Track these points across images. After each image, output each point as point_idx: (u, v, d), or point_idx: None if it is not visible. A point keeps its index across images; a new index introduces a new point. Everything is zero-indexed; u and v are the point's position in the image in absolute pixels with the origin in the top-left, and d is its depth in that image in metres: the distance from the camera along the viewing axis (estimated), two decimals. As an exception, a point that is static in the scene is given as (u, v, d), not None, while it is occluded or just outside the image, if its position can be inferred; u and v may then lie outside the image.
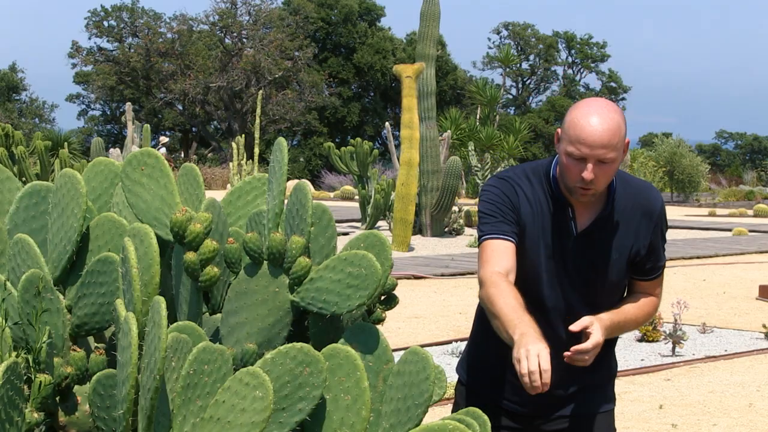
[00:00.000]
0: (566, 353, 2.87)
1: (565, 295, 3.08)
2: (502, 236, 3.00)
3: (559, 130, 2.99)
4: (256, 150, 22.87)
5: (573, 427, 3.22)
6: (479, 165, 26.50)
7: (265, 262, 2.83)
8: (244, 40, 52.92)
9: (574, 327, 2.92)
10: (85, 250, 2.93)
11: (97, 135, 53.92)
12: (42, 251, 2.84)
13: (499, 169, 24.74)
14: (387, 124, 25.47)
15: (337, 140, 52.27)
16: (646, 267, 3.16)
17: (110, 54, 54.13)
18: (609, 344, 3.19)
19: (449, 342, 9.50)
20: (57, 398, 2.75)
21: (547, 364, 2.70)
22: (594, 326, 2.91)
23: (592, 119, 2.89)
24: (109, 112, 58.06)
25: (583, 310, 3.04)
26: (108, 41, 54.59)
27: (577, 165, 2.92)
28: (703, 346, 9.76)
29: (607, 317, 3.02)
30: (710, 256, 18.52)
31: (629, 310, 3.14)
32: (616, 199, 3.08)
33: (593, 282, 3.09)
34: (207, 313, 3.04)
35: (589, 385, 3.21)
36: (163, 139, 35.14)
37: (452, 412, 3.18)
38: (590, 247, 3.07)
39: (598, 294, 3.11)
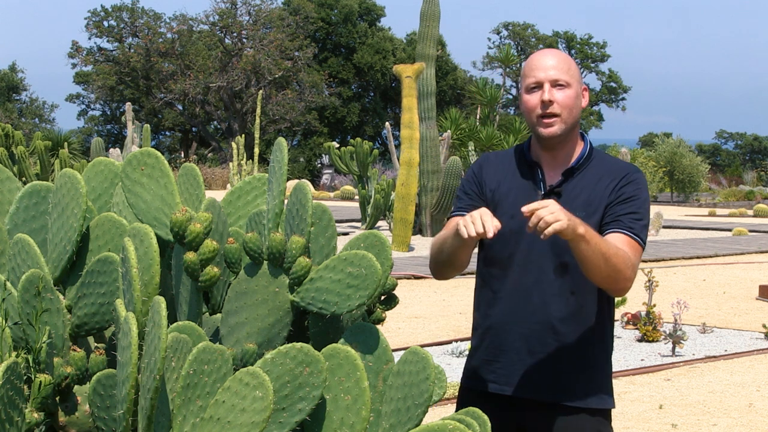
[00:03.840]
0: (525, 209, 2.82)
1: (532, 255, 3.12)
2: (457, 213, 3.24)
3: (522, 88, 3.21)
4: (256, 150, 22.88)
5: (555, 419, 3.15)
6: (479, 165, 26.35)
7: (265, 262, 2.83)
8: (244, 40, 52.90)
9: (525, 208, 2.84)
10: (85, 250, 2.93)
11: (97, 135, 53.92)
12: (42, 251, 2.84)
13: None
14: (387, 124, 25.46)
15: (337, 140, 52.22)
16: (614, 214, 3.09)
17: (110, 54, 54.10)
18: (585, 332, 3.14)
19: (449, 342, 9.50)
20: (57, 398, 2.75)
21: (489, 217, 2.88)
22: (551, 203, 2.83)
23: (540, 52, 3.23)
24: (109, 112, 58.03)
25: (552, 271, 3.10)
26: (108, 41, 54.58)
27: (535, 95, 3.14)
28: (703, 346, 9.76)
29: (581, 222, 2.89)
30: (710, 256, 18.51)
31: (605, 239, 3.00)
32: (587, 162, 3.17)
33: (561, 241, 2.94)
34: (207, 313, 3.04)
35: (567, 371, 3.15)
36: (335, 145, 34.92)
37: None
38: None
39: (567, 252, 3.02)
